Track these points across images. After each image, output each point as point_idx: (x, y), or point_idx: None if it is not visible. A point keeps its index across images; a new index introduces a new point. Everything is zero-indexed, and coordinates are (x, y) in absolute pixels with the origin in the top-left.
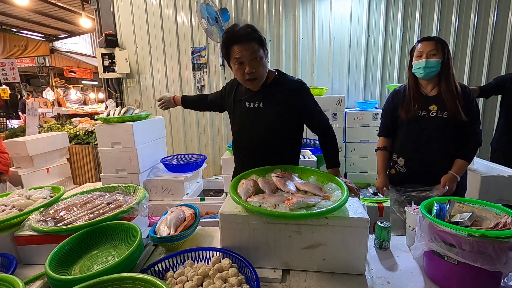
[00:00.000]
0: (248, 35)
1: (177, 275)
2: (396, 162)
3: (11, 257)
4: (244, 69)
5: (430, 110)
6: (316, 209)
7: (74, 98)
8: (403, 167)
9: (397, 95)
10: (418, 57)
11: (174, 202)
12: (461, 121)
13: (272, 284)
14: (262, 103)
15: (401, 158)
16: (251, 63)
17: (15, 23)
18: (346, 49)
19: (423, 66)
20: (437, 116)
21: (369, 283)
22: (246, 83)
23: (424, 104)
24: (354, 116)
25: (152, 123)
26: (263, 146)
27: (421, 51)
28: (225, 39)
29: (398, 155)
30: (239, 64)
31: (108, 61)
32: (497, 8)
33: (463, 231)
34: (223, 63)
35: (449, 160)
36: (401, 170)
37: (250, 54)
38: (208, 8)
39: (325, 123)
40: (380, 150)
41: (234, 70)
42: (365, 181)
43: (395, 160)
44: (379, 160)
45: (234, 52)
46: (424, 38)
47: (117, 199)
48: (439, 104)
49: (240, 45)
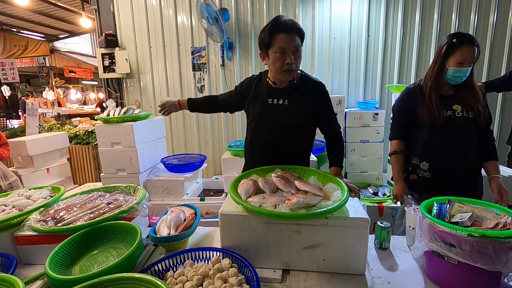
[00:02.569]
0: (295, 26)
1: (177, 275)
2: (418, 167)
3: (11, 257)
4: (285, 59)
5: (455, 110)
6: (316, 209)
7: (74, 98)
8: (427, 172)
9: (413, 94)
10: (459, 63)
11: (174, 202)
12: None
13: (272, 284)
14: (288, 100)
15: (424, 162)
16: (293, 54)
17: (15, 23)
18: (346, 49)
19: (464, 75)
20: (463, 116)
21: (369, 283)
22: (282, 73)
23: (446, 104)
24: (354, 116)
25: (152, 123)
26: (284, 142)
27: (465, 58)
28: (272, 26)
29: (420, 159)
30: (281, 53)
31: (108, 61)
32: (497, 8)
33: (463, 231)
34: (223, 63)
35: (473, 163)
36: (425, 175)
37: (293, 46)
38: (208, 8)
39: (338, 129)
40: (395, 154)
41: (273, 58)
42: (365, 181)
43: (416, 164)
44: (395, 166)
45: (278, 40)
46: (467, 41)
47: (117, 199)
48: (461, 104)
49: (286, 35)
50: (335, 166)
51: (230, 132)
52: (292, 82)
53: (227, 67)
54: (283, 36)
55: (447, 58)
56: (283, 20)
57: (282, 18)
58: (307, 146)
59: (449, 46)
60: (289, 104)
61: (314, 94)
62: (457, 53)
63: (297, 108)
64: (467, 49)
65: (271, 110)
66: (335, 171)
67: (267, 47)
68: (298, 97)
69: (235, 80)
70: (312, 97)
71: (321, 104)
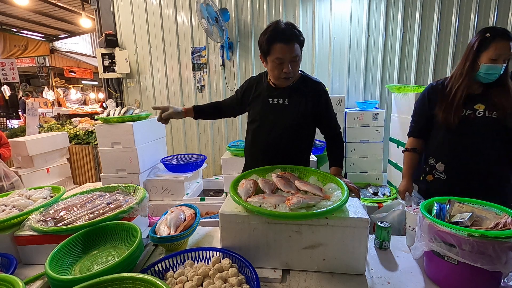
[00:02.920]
0: (293, 36)
1: (177, 275)
2: (434, 167)
3: (11, 257)
4: (282, 68)
5: (476, 110)
6: (316, 209)
7: (74, 98)
8: (442, 173)
9: (434, 92)
10: (493, 60)
11: (174, 202)
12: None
13: (272, 284)
14: (288, 100)
15: (440, 163)
16: (290, 63)
17: (15, 23)
18: (346, 49)
19: (498, 73)
20: (485, 116)
21: (369, 283)
22: (280, 80)
23: (468, 103)
24: (354, 116)
25: (152, 123)
26: (284, 142)
27: (499, 53)
28: (270, 35)
29: (436, 160)
30: (279, 63)
31: (108, 61)
32: (497, 8)
33: (463, 231)
34: (223, 63)
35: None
36: (441, 176)
37: (291, 56)
38: (208, 8)
39: (338, 129)
40: (408, 151)
41: (271, 66)
42: (365, 181)
43: (432, 165)
44: (405, 162)
45: (276, 50)
46: (502, 35)
47: (117, 199)
48: (486, 103)
49: (284, 45)
50: (335, 166)
51: (230, 132)
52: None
53: (227, 67)
54: (281, 46)
55: (479, 54)
56: (281, 28)
57: (281, 25)
58: (307, 146)
59: (481, 41)
60: (289, 103)
61: (314, 94)
62: (490, 48)
63: (297, 108)
64: (502, 44)
65: (271, 109)
66: (335, 171)
67: (266, 54)
68: (298, 97)
69: (235, 80)
70: (312, 97)
71: (321, 104)
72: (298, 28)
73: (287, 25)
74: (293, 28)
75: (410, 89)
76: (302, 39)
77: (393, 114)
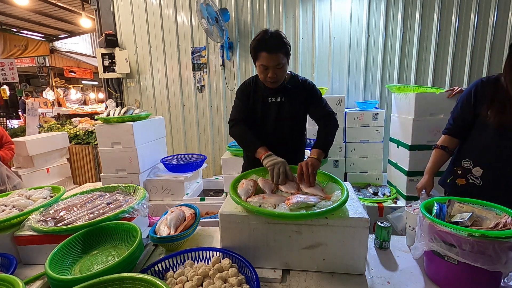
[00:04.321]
0: (277, 46)
1: (177, 275)
2: (470, 171)
3: (11, 257)
4: (267, 73)
5: None
6: (316, 209)
7: (74, 98)
8: (478, 179)
9: (483, 89)
10: None
11: (174, 202)
12: None
13: (272, 284)
14: (284, 98)
15: (478, 168)
16: (274, 70)
17: (15, 23)
18: (346, 49)
19: None
20: None
21: (369, 283)
22: (266, 83)
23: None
24: (354, 116)
25: (152, 123)
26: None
27: None
28: (255, 46)
29: (474, 164)
30: (264, 69)
31: (108, 61)
32: (497, 8)
33: (463, 231)
34: (223, 63)
35: None
36: (476, 182)
37: (275, 64)
38: (208, 8)
39: (330, 109)
40: (437, 148)
41: (259, 70)
42: (365, 181)
43: (468, 168)
44: (432, 159)
45: (261, 58)
46: None
47: (117, 199)
48: None
49: (268, 54)
50: (316, 148)
51: None
52: (283, 83)
53: (227, 67)
54: (265, 55)
55: None
56: (267, 39)
57: (267, 35)
58: (302, 144)
59: None
60: (285, 101)
61: (304, 88)
62: None
63: (293, 104)
64: None
65: (271, 107)
66: (315, 153)
67: (254, 59)
68: (292, 94)
69: (235, 80)
70: (302, 89)
71: (312, 96)
72: (284, 38)
73: (273, 36)
74: (279, 39)
75: (410, 89)
76: (287, 48)
77: (393, 114)
